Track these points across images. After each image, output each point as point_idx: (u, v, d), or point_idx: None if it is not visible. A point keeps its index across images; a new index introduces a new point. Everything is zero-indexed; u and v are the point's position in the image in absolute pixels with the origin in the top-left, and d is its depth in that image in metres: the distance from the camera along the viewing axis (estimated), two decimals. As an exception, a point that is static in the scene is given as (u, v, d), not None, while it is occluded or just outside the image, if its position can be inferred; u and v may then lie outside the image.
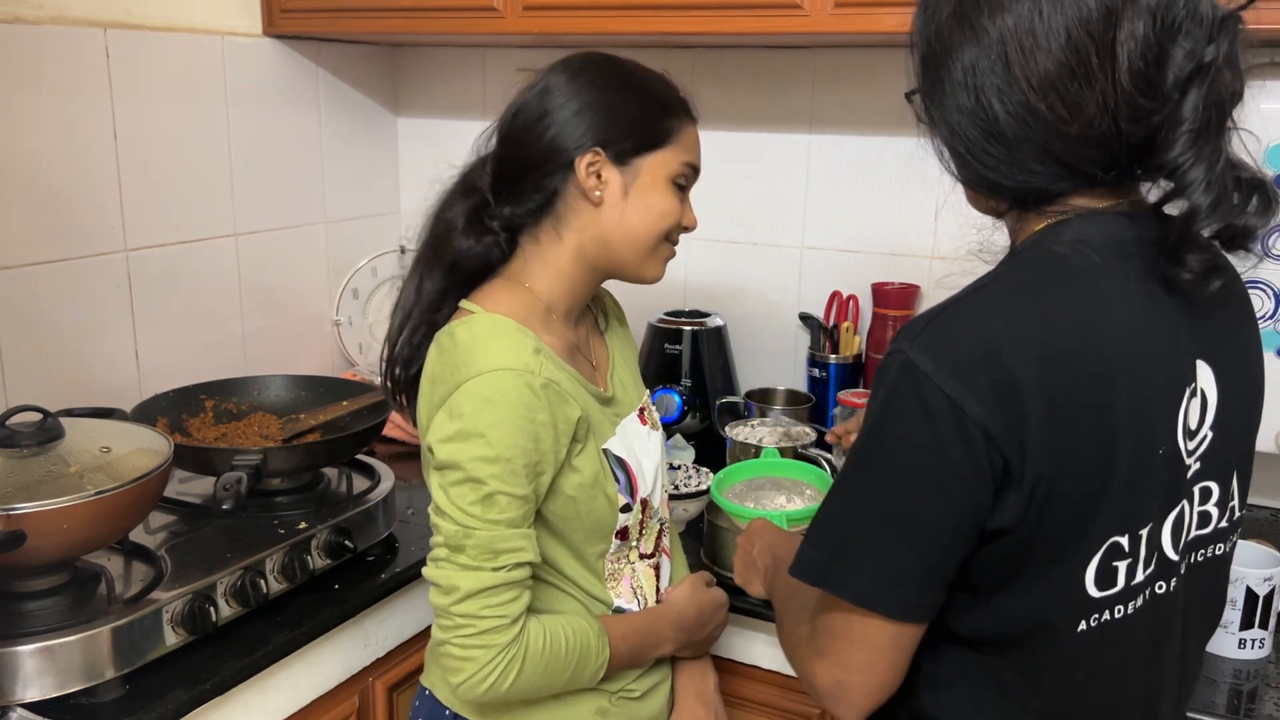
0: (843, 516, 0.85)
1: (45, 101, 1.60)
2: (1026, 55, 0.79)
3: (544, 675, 1.09)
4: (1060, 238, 0.83)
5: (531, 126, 1.13)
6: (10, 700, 1.13)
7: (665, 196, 1.14)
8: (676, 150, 1.15)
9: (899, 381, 0.80)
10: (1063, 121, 0.79)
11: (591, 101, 1.12)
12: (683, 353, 1.96)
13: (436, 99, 2.30)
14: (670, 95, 1.17)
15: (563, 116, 1.12)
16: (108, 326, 1.74)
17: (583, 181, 1.12)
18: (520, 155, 1.14)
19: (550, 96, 1.13)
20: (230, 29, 1.90)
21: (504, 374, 1.04)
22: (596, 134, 1.11)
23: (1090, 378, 0.79)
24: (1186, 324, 0.85)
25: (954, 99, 0.83)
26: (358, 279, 2.22)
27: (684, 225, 1.18)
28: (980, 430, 0.77)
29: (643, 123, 1.13)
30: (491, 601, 1.04)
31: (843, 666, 0.86)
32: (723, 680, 1.46)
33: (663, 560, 1.30)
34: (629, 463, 1.18)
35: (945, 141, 0.87)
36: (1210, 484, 0.89)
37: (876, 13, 1.49)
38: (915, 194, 1.90)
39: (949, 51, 0.83)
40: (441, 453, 1.06)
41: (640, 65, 1.18)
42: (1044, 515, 0.79)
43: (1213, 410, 0.87)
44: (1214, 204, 0.78)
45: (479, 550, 1.04)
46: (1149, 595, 0.87)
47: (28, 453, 1.21)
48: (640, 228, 1.14)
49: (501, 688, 1.06)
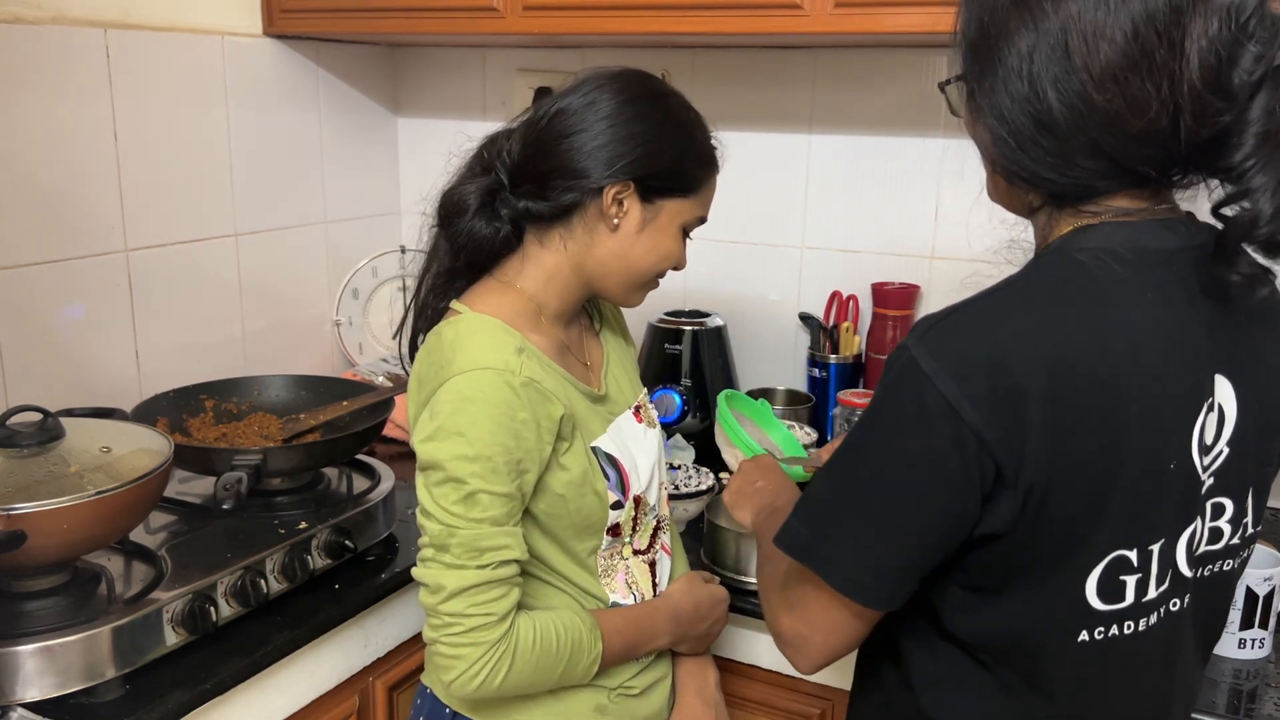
0: (831, 500, 0.86)
1: (45, 101, 1.60)
2: (1089, 44, 0.77)
3: (536, 671, 1.10)
4: (1084, 244, 0.82)
5: (571, 136, 1.11)
6: (10, 700, 1.13)
7: (674, 240, 1.17)
8: (699, 201, 1.17)
9: (901, 378, 0.80)
10: (1120, 115, 0.77)
11: (638, 134, 1.11)
12: (683, 353, 1.96)
13: (436, 99, 2.29)
14: (706, 146, 1.17)
15: (605, 139, 1.11)
16: (108, 326, 1.74)
17: (606, 207, 1.12)
18: (551, 158, 1.12)
19: (596, 111, 1.11)
20: (230, 29, 1.90)
21: (483, 373, 1.05)
22: (635, 169, 1.11)
23: (1099, 388, 0.78)
24: (1208, 338, 0.83)
25: (1006, 85, 0.81)
26: (358, 279, 2.22)
27: (678, 267, 1.20)
28: (974, 435, 0.77)
29: (678, 169, 1.14)
30: (478, 599, 1.05)
31: (808, 625, 0.90)
32: (723, 680, 1.46)
33: (661, 557, 1.30)
34: (621, 460, 1.18)
35: (990, 129, 0.84)
36: (1223, 500, 0.88)
37: (876, 13, 1.49)
38: (915, 194, 1.90)
39: (1005, 36, 0.81)
40: (423, 452, 1.07)
41: (684, 101, 1.18)
42: (1038, 523, 0.79)
43: (1230, 426, 0.86)
44: (1277, 210, 0.76)
45: (463, 549, 1.04)
46: (1163, 613, 0.86)
47: (28, 453, 1.21)
48: (642, 264, 1.16)
49: (493, 684, 1.06)
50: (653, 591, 1.28)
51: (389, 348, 2.26)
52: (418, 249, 1.24)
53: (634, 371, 1.35)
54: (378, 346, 2.26)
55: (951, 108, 0.89)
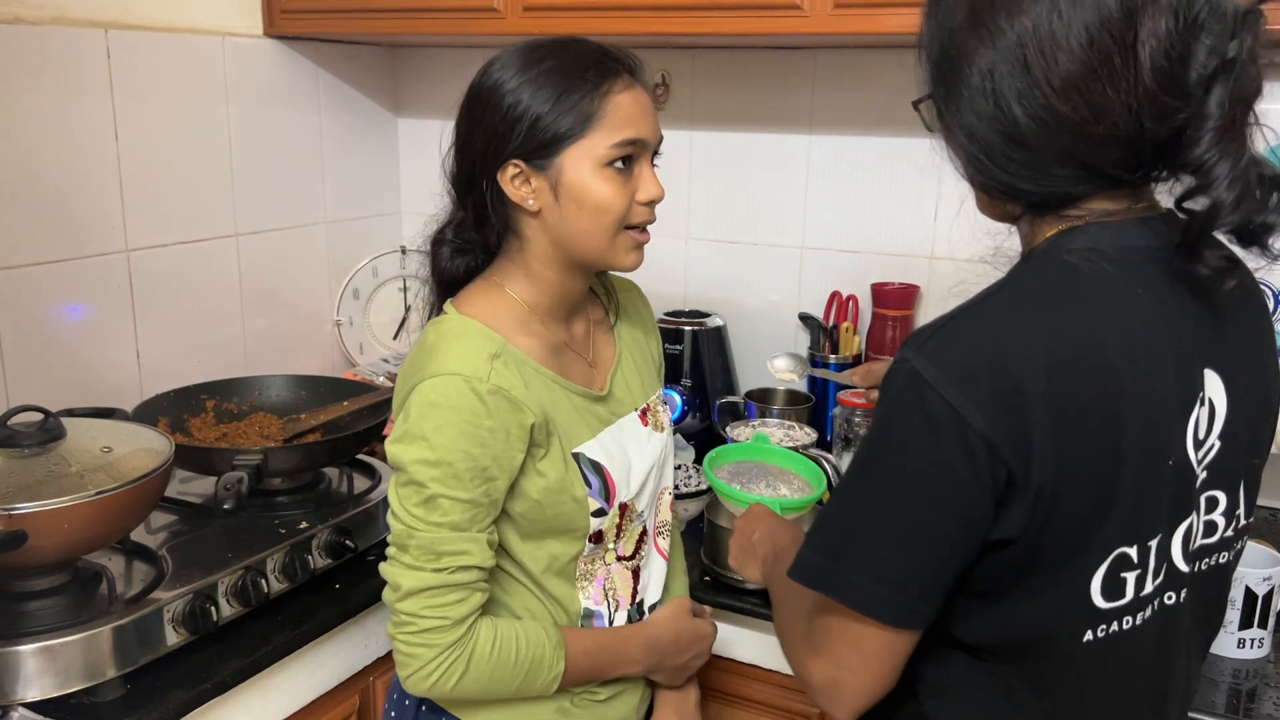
0: (843, 521, 0.85)
1: (45, 101, 1.60)
2: (1047, 57, 0.77)
3: (491, 680, 1.10)
4: (1072, 245, 0.82)
5: (459, 150, 1.12)
6: (11, 700, 1.13)
7: (599, 186, 1.07)
8: (601, 133, 1.06)
9: (903, 390, 0.79)
10: (1087, 123, 0.78)
11: (498, 103, 1.07)
12: (683, 353, 1.96)
13: (436, 99, 2.30)
14: (582, 72, 1.07)
15: (477, 135, 1.09)
16: (108, 326, 1.74)
17: (513, 195, 1.09)
18: (458, 178, 1.14)
19: (466, 114, 1.11)
20: (230, 29, 1.90)
21: (451, 379, 1.05)
22: (508, 147, 1.07)
23: (1098, 387, 0.78)
24: (1196, 333, 0.84)
25: (971, 104, 0.82)
26: (358, 279, 2.22)
27: (641, 200, 1.10)
28: (983, 441, 0.76)
29: (549, 120, 1.06)
30: (432, 602, 1.05)
31: (837, 666, 0.86)
32: (723, 680, 1.47)
33: (651, 562, 1.28)
34: (607, 467, 1.16)
35: (961, 147, 0.85)
36: (1217, 493, 0.88)
37: (876, 13, 1.49)
38: (915, 194, 1.90)
39: (964, 56, 0.81)
40: (390, 453, 1.08)
41: (562, 45, 1.10)
42: (1048, 525, 0.79)
43: (1221, 420, 0.86)
44: (1237, 200, 0.77)
45: (420, 551, 1.05)
46: (1157, 606, 0.86)
47: (29, 453, 1.21)
48: (581, 226, 1.09)
49: (445, 686, 1.07)
50: (632, 600, 1.25)
51: (389, 348, 2.26)
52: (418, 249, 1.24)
53: (649, 370, 1.31)
54: (378, 346, 2.26)
55: (926, 124, 0.89)
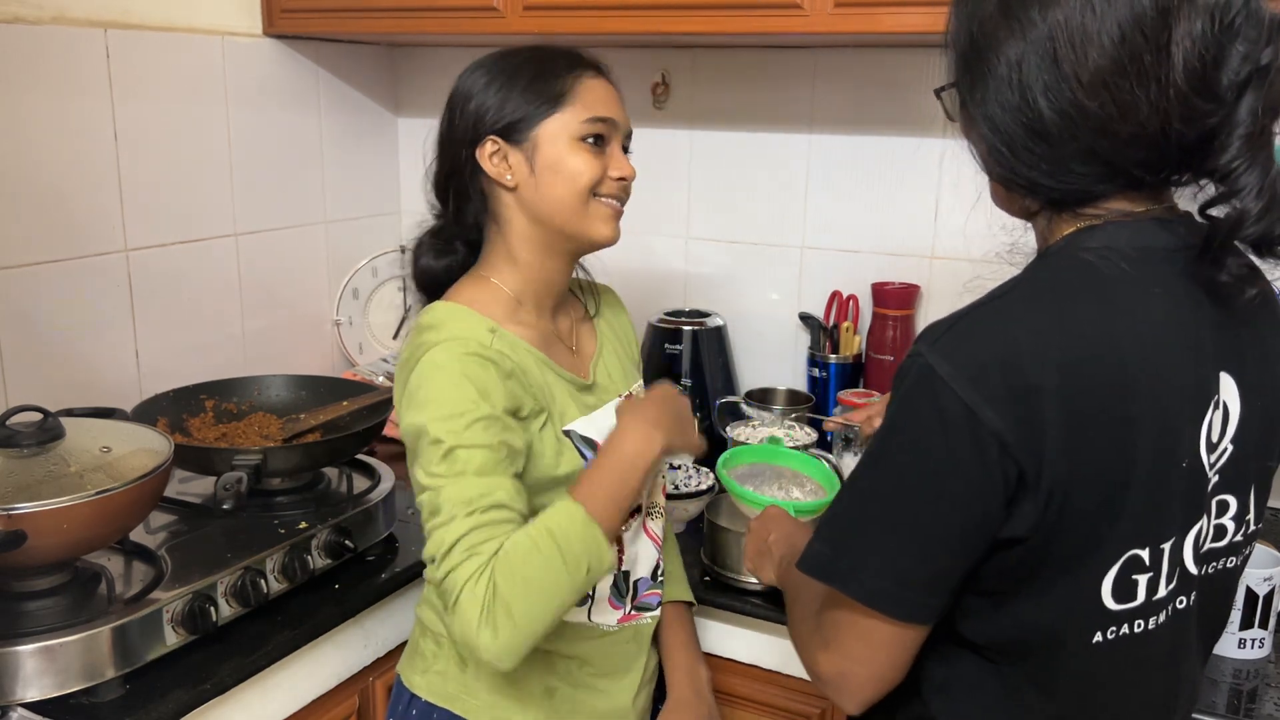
0: (853, 515, 0.85)
1: (45, 101, 1.60)
2: (1077, 51, 0.77)
3: (527, 571, 1.00)
4: (1089, 243, 0.82)
5: (443, 139, 1.21)
6: (10, 700, 1.13)
7: (573, 157, 1.15)
8: (574, 110, 1.15)
9: (916, 385, 0.79)
10: (1112, 120, 0.77)
11: (477, 91, 1.17)
12: (683, 352, 1.96)
13: (436, 99, 2.26)
14: (555, 61, 1.18)
15: (459, 117, 1.18)
16: (108, 326, 1.74)
17: (491, 171, 1.16)
18: (440, 167, 1.21)
19: (447, 110, 1.20)
20: (230, 29, 1.90)
21: (454, 342, 1.10)
22: (487, 121, 1.16)
23: (1112, 387, 0.77)
24: (1211, 335, 0.83)
25: (996, 94, 0.81)
26: (358, 279, 2.22)
27: (613, 176, 1.18)
28: (995, 438, 0.76)
29: (526, 95, 1.15)
30: (469, 543, 1.01)
31: (845, 658, 0.87)
32: (724, 680, 1.47)
33: (639, 540, 1.29)
34: (599, 442, 1.18)
35: (983, 138, 0.84)
36: (1228, 497, 0.88)
37: (876, 13, 1.49)
38: (915, 194, 1.90)
39: (993, 46, 0.81)
40: (404, 425, 1.10)
41: (536, 45, 1.21)
42: (1059, 524, 0.78)
43: (1234, 423, 0.86)
44: (1264, 210, 0.76)
45: (451, 503, 1.04)
46: (1171, 610, 0.86)
47: (28, 453, 1.21)
48: (556, 194, 1.16)
49: (500, 617, 0.99)
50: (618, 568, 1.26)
51: (389, 348, 2.26)
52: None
53: (629, 360, 1.35)
54: (378, 346, 2.26)
55: (948, 113, 0.89)
